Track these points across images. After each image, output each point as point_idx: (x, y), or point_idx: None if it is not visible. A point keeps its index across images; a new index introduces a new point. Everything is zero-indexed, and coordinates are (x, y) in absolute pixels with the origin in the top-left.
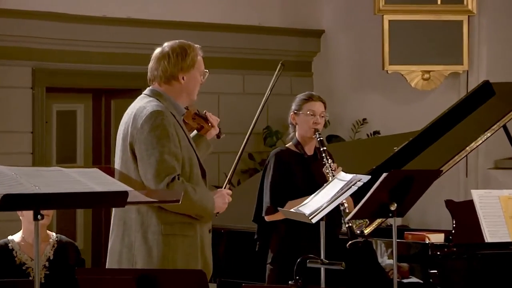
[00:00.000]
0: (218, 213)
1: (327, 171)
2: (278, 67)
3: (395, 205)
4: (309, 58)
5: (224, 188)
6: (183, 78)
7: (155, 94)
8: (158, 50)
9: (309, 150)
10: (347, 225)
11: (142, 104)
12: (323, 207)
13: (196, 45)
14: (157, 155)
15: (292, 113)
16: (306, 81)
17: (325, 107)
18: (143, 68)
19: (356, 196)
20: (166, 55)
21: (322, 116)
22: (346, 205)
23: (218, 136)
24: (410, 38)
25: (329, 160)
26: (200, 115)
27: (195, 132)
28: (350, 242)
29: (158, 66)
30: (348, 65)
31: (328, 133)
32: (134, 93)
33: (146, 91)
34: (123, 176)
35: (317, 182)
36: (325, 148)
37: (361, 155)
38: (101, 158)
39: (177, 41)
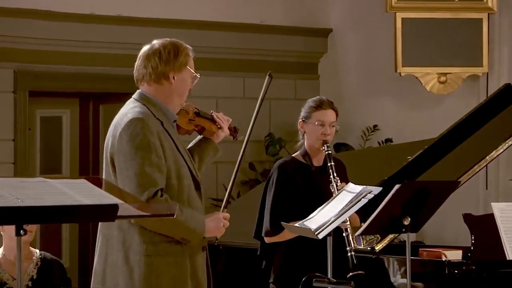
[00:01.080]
0: (217, 238)
1: (333, 190)
2: (266, 78)
3: (409, 219)
4: (315, 60)
5: (222, 211)
6: (174, 78)
7: (142, 99)
8: (146, 47)
9: (318, 161)
10: (348, 254)
11: (125, 110)
12: (330, 222)
13: (188, 46)
14: (136, 167)
15: (300, 120)
16: (311, 85)
17: (336, 116)
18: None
19: (366, 210)
20: (156, 52)
21: (333, 126)
22: (349, 230)
23: (233, 137)
24: (425, 38)
25: (336, 178)
26: (202, 115)
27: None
28: (350, 274)
29: (147, 63)
30: (357, 67)
31: (336, 141)
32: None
33: (135, 95)
34: (113, 188)
35: (324, 197)
36: (332, 163)
37: (371, 164)
38: (89, 168)
39: (167, 39)
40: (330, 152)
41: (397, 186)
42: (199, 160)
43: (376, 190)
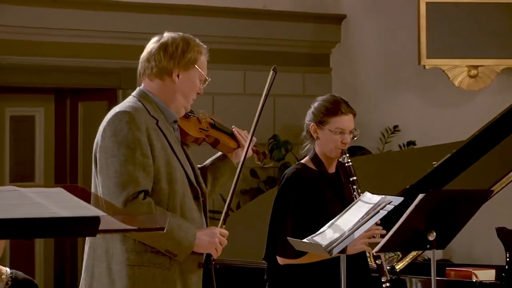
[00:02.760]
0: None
1: None
2: (270, 73)
3: (434, 234)
4: (326, 50)
5: (220, 226)
6: (178, 76)
7: (140, 95)
8: (154, 39)
9: (332, 168)
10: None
11: (116, 106)
12: (344, 237)
13: (202, 44)
14: (117, 165)
15: (313, 123)
16: (322, 79)
17: (354, 119)
18: (119, 62)
19: (385, 223)
20: (163, 45)
21: (351, 132)
22: (382, 256)
23: (259, 159)
24: (453, 25)
25: (360, 194)
26: (218, 127)
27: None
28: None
29: (151, 57)
30: (375, 59)
31: (351, 144)
32: (107, 94)
33: (134, 92)
34: (94, 198)
35: (341, 207)
36: (355, 178)
37: (391, 171)
38: (66, 175)
39: (180, 33)
40: (351, 164)
41: (420, 196)
42: (213, 179)
43: (397, 200)
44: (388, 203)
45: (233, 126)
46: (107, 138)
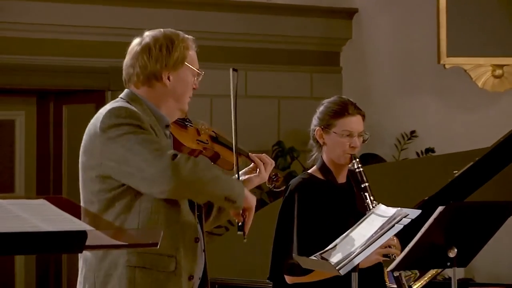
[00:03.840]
0: (245, 236)
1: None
2: (231, 74)
3: (455, 250)
4: (336, 48)
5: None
6: (168, 78)
7: (129, 97)
8: (136, 41)
9: (342, 177)
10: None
11: (98, 112)
12: (355, 253)
13: (188, 36)
14: (137, 141)
15: (318, 127)
16: (332, 80)
17: (363, 121)
18: (108, 61)
19: (401, 239)
20: (146, 48)
21: (361, 135)
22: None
23: (272, 185)
24: (475, 20)
25: (374, 202)
26: (220, 142)
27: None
28: None
29: (135, 62)
30: (390, 58)
31: (363, 151)
32: (95, 96)
33: (122, 94)
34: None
35: (353, 221)
36: (367, 184)
37: (408, 181)
38: (49, 185)
39: (161, 29)
40: (362, 169)
41: (440, 209)
42: (219, 208)
43: (414, 213)
44: (404, 216)
45: (248, 151)
46: (108, 130)
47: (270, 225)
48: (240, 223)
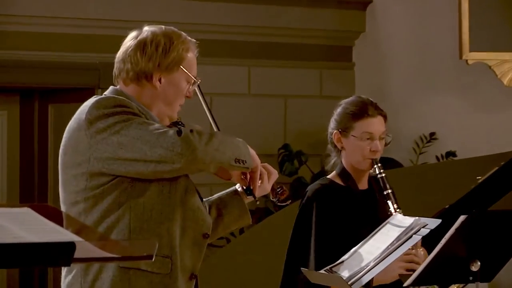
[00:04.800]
0: (256, 198)
1: None
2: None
3: (478, 263)
4: (348, 42)
5: None
6: (159, 80)
7: (114, 94)
8: (132, 34)
9: (363, 184)
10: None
11: (83, 106)
12: (369, 267)
13: (190, 38)
14: (132, 125)
15: (336, 131)
16: (343, 77)
17: (385, 122)
18: (97, 56)
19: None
20: (141, 43)
21: (382, 138)
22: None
23: (275, 198)
24: (501, 12)
25: (398, 209)
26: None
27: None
28: None
29: (127, 56)
30: (407, 53)
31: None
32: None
33: (107, 91)
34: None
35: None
36: (390, 191)
37: (427, 187)
38: (34, 192)
39: (163, 26)
40: (384, 175)
41: (462, 218)
42: (217, 216)
43: (433, 223)
44: (423, 227)
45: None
46: (96, 122)
47: (277, 235)
48: (245, 187)
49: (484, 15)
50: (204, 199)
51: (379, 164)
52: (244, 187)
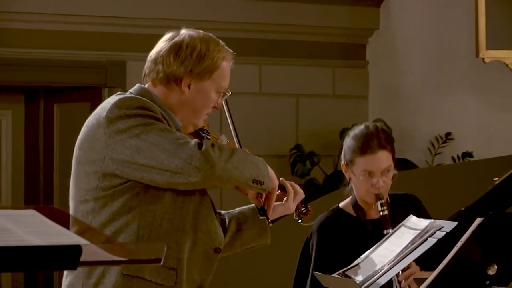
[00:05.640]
0: (270, 221)
1: None
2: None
3: (495, 267)
4: (362, 40)
5: None
6: (188, 87)
7: (140, 93)
8: (168, 35)
9: (375, 212)
10: None
11: (102, 104)
12: (383, 271)
13: (226, 48)
14: (152, 131)
15: (343, 163)
16: (357, 75)
17: (393, 154)
18: (104, 55)
19: (433, 254)
20: (176, 46)
21: (388, 171)
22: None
23: (298, 218)
24: None
25: None
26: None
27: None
28: None
29: (160, 57)
30: (422, 51)
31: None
32: (90, 94)
33: (132, 88)
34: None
35: None
36: (390, 230)
37: (442, 189)
38: (39, 194)
39: (201, 31)
40: (386, 213)
41: (478, 220)
42: (236, 231)
43: (449, 225)
44: (439, 229)
45: (281, 178)
46: (117, 122)
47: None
48: (259, 207)
49: (500, 12)
50: (224, 212)
51: (383, 201)
52: (258, 207)
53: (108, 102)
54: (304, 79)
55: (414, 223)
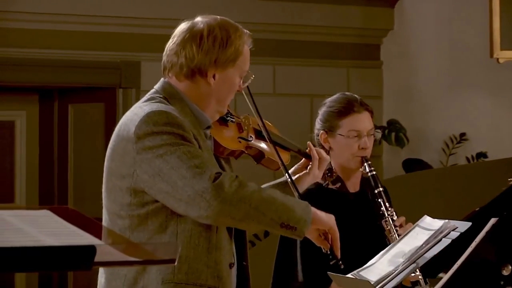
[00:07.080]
0: (340, 261)
1: (388, 227)
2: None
3: (510, 268)
4: (376, 40)
5: None
6: (213, 77)
7: (167, 93)
8: (185, 26)
9: (354, 185)
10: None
11: (132, 111)
12: (397, 272)
13: (245, 30)
14: (176, 153)
15: (322, 131)
16: (371, 76)
17: (372, 119)
18: (119, 55)
19: (446, 254)
20: (196, 36)
21: (371, 134)
22: None
23: (326, 183)
24: None
25: (390, 208)
26: (271, 138)
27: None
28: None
29: (180, 50)
30: (436, 51)
31: (406, 156)
32: (104, 94)
33: (157, 85)
34: (89, 222)
35: (371, 236)
36: (381, 189)
37: (457, 189)
38: (54, 194)
39: (217, 17)
40: (375, 173)
41: (493, 221)
42: None
43: (463, 226)
44: (453, 230)
45: (308, 142)
46: (144, 138)
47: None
48: (327, 251)
49: None
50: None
51: (369, 162)
52: (327, 251)
53: (136, 114)
54: (318, 79)
55: (429, 224)
